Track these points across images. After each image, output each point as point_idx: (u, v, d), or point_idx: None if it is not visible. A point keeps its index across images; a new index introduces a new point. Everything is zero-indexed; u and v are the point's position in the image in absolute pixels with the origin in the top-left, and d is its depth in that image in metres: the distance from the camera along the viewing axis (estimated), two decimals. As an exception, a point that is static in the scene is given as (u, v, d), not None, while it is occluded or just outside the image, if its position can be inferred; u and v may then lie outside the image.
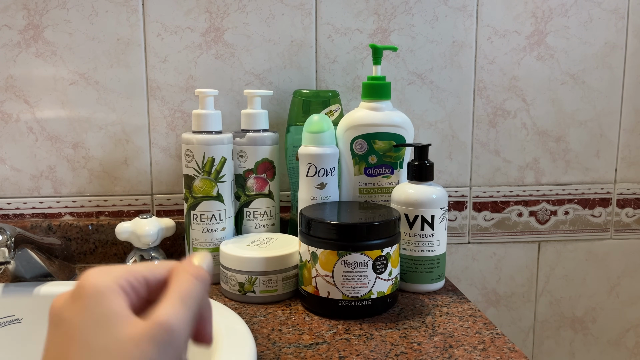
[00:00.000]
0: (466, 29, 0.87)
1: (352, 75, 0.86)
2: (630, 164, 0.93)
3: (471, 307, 0.68)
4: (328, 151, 0.71)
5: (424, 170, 0.71)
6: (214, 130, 0.73)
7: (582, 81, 0.90)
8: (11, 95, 0.81)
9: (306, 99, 0.79)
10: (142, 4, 0.81)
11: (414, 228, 0.70)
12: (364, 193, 0.75)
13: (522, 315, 0.95)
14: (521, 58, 0.88)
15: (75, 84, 0.82)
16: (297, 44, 0.84)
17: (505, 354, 0.56)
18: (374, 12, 0.85)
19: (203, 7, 0.82)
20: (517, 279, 0.94)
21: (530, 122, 0.90)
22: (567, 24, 0.88)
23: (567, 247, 0.94)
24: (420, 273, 0.71)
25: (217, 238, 0.73)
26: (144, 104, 0.83)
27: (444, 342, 0.58)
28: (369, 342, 0.58)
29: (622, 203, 0.94)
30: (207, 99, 0.73)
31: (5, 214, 0.83)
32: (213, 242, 0.73)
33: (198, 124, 0.73)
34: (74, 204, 0.84)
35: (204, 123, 0.73)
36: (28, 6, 0.79)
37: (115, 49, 0.81)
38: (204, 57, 0.83)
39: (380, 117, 0.74)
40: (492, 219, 0.92)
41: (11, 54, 0.80)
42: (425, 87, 0.87)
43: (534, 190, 0.92)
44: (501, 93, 0.89)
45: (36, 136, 0.82)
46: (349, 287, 0.63)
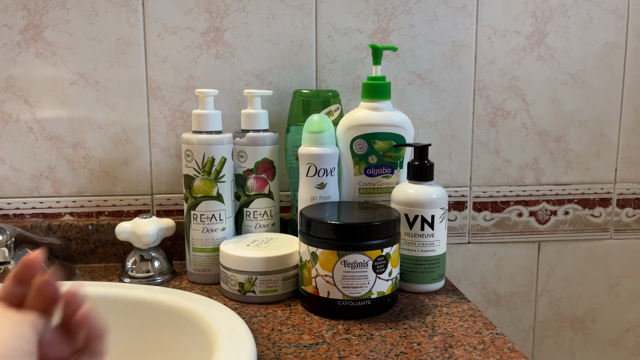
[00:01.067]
0: (466, 29, 0.87)
1: (352, 75, 0.86)
2: (630, 164, 0.93)
3: (471, 307, 0.68)
4: (328, 151, 0.71)
5: (424, 170, 0.71)
6: (213, 130, 0.73)
7: (582, 81, 0.90)
8: (11, 95, 0.81)
9: (306, 99, 0.79)
10: (142, 4, 0.81)
11: (414, 228, 0.70)
12: (364, 193, 0.75)
13: (522, 315, 0.95)
14: (521, 58, 0.88)
15: (75, 84, 0.82)
16: (297, 44, 0.84)
17: (505, 354, 0.56)
18: (374, 12, 0.85)
19: (203, 7, 0.82)
20: (517, 279, 0.94)
21: (530, 122, 0.90)
22: (567, 24, 0.88)
23: (567, 247, 0.94)
24: (420, 273, 0.71)
25: (217, 238, 0.73)
26: (144, 104, 0.83)
27: (444, 342, 0.58)
28: (369, 342, 0.58)
29: (622, 203, 0.94)
30: (207, 99, 0.73)
31: (5, 214, 0.83)
32: (213, 242, 0.73)
33: (198, 123, 0.73)
34: (74, 204, 0.84)
35: (204, 123, 0.73)
36: (28, 6, 0.79)
37: (115, 49, 0.81)
38: (204, 57, 0.83)
39: (380, 117, 0.74)
40: (492, 219, 0.92)
41: (11, 54, 0.80)
42: (425, 87, 0.87)
43: (534, 190, 0.92)
44: (501, 93, 0.89)
45: (36, 136, 0.82)
46: (349, 287, 0.63)
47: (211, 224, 0.73)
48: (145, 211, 0.85)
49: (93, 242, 0.82)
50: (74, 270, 0.78)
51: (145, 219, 0.74)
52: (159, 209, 0.85)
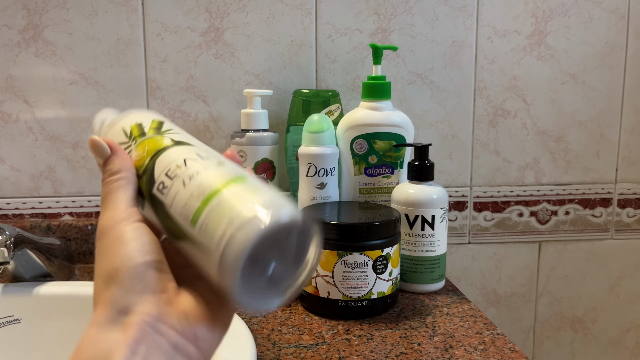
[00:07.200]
0: (466, 29, 0.86)
1: (352, 75, 0.85)
2: (631, 163, 0.93)
3: (471, 307, 0.67)
4: (328, 151, 0.71)
5: (424, 170, 0.71)
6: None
7: (582, 81, 0.90)
8: (11, 95, 0.81)
9: (306, 99, 0.79)
10: (142, 4, 0.81)
11: (414, 228, 0.70)
12: (364, 193, 0.75)
13: (522, 316, 0.95)
14: (521, 58, 0.88)
15: (75, 83, 0.81)
16: (297, 43, 0.84)
17: (506, 354, 0.56)
18: (374, 11, 0.84)
19: (203, 6, 0.82)
20: (518, 279, 0.94)
21: (531, 122, 0.90)
22: (568, 24, 0.88)
23: (568, 247, 0.94)
24: (421, 273, 0.71)
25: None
26: (143, 104, 0.83)
27: (445, 343, 0.58)
28: (369, 342, 0.58)
29: (623, 203, 0.94)
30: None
31: (4, 214, 0.83)
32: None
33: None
34: (73, 204, 0.84)
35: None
36: (28, 6, 0.79)
37: (115, 48, 0.81)
38: (203, 57, 0.83)
39: (381, 117, 0.74)
40: (492, 219, 0.91)
41: (11, 53, 0.80)
42: (425, 87, 0.87)
43: (535, 190, 0.92)
44: (501, 93, 0.89)
45: (36, 136, 0.82)
46: (349, 287, 0.63)
47: None
48: (145, 211, 0.85)
49: (92, 242, 0.82)
50: (73, 271, 0.78)
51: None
52: (159, 209, 0.85)
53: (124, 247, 0.32)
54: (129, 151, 0.38)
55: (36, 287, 0.66)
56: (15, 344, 0.64)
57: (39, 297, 0.65)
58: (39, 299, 0.65)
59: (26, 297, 0.65)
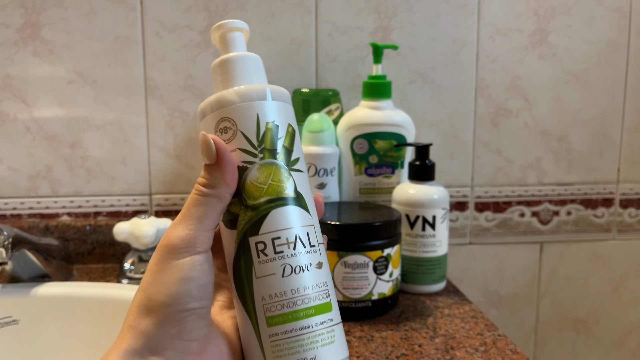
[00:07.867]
0: (468, 27, 0.86)
1: (352, 74, 0.85)
2: (633, 163, 0.93)
3: (473, 308, 0.67)
4: (328, 151, 0.71)
5: (425, 170, 0.70)
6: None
7: (584, 80, 0.89)
8: (8, 95, 0.80)
9: (306, 98, 0.78)
10: (141, 2, 0.80)
11: (415, 228, 0.70)
12: (364, 193, 0.75)
13: (524, 317, 0.94)
14: (523, 57, 0.88)
15: (72, 83, 0.81)
16: (297, 42, 0.83)
17: (508, 355, 0.55)
18: (375, 10, 0.84)
19: (201, 5, 0.81)
20: (519, 280, 0.93)
21: (533, 122, 0.89)
22: (570, 23, 0.88)
23: (570, 247, 0.94)
24: (422, 274, 0.70)
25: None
26: (142, 103, 0.82)
27: (446, 344, 0.57)
28: (369, 343, 0.58)
29: (625, 203, 0.93)
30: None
31: (2, 215, 0.82)
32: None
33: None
34: (71, 204, 0.83)
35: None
36: (25, 4, 0.78)
37: (113, 47, 0.81)
38: (202, 55, 0.82)
39: (381, 116, 0.73)
40: (493, 219, 0.91)
41: (8, 52, 0.79)
42: (426, 86, 0.86)
43: (536, 191, 0.91)
44: (503, 92, 0.88)
45: (33, 136, 0.81)
46: (350, 288, 0.62)
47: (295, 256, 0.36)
48: (144, 211, 0.84)
49: (91, 242, 0.81)
50: (71, 271, 0.77)
51: (144, 220, 0.74)
52: (157, 209, 0.85)
53: (180, 286, 0.31)
54: (247, 163, 0.33)
55: (34, 287, 0.66)
56: (13, 344, 0.63)
57: (37, 298, 0.65)
58: (37, 300, 0.64)
59: (24, 298, 0.65)
